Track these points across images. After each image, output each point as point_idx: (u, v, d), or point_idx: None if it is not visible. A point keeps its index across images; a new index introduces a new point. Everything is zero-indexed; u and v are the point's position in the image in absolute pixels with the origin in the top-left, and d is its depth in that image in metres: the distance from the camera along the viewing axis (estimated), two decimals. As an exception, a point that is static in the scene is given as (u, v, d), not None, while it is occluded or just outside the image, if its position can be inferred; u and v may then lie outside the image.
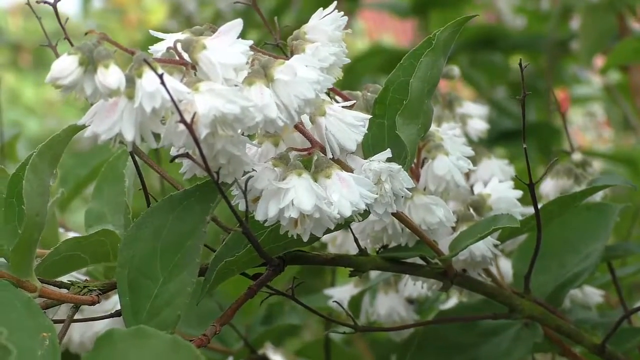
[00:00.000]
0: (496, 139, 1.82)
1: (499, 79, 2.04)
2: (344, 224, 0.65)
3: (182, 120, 0.54)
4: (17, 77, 4.36)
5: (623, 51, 1.56)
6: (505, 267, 0.92)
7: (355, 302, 0.96)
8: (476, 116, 0.98)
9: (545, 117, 1.97)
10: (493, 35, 1.99)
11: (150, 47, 0.64)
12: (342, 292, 0.98)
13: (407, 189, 0.66)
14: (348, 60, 0.71)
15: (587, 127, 2.72)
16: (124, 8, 4.83)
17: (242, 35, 0.60)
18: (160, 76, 0.54)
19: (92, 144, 1.86)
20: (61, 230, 0.87)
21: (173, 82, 0.55)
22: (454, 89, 2.30)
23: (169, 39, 0.63)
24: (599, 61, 1.92)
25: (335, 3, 0.71)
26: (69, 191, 1.15)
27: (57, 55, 0.66)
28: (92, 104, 0.59)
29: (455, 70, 0.98)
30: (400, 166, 0.65)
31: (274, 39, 0.75)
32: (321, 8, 0.71)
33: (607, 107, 2.41)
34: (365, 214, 0.65)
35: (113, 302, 0.81)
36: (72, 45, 0.57)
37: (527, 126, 1.92)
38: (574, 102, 2.53)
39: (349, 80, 1.88)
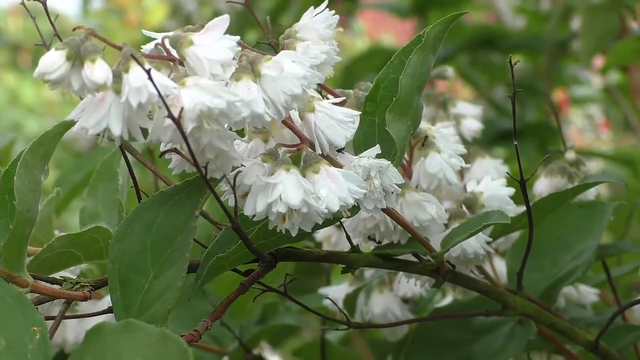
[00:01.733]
0: (495, 139, 1.82)
1: (498, 79, 2.05)
2: (333, 219, 0.65)
3: (170, 115, 0.55)
4: (16, 77, 4.36)
5: (623, 51, 1.56)
6: (501, 267, 0.92)
7: (350, 301, 0.96)
8: (470, 116, 0.98)
9: (544, 117, 1.98)
10: (493, 35, 1.99)
11: (142, 46, 0.65)
12: (337, 291, 0.98)
13: (398, 185, 0.67)
14: (339, 59, 0.71)
15: (585, 128, 2.72)
16: (124, 8, 4.83)
17: (241, 35, 0.60)
18: (148, 71, 0.55)
19: (91, 145, 1.87)
20: (56, 232, 0.87)
21: (159, 76, 0.56)
22: (453, 88, 2.31)
23: (160, 37, 0.63)
24: (599, 61, 1.92)
25: (326, 2, 0.71)
26: (65, 195, 1.16)
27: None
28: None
29: (449, 70, 0.98)
30: (390, 162, 0.65)
31: (267, 38, 0.75)
32: (312, 7, 0.71)
33: (607, 107, 2.41)
34: (354, 209, 0.65)
35: (107, 301, 0.81)
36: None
37: (526, 126, 1.91)
38: (573, 103, 2.53)
39: (348, 81, 1.88)
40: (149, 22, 4.40)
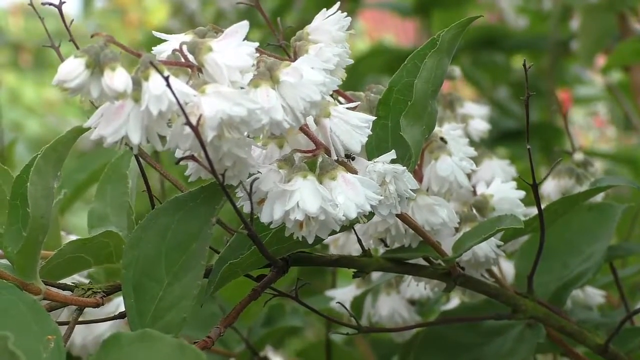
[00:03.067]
0: (498, 140, 1.82)
1: (501, 79, 2.05)
2: (349, 226, 0.65)
3: (188, 123, 0.54)
4: (17, 77, 4.36)
5: (623, 52, 1.56)
6: (506, 268, 0.92)
7: (358, 304, 0.96)
8: (477, 116, 0.98)
9: (547, 117, 1.97)
10: (495, 35, 1.99)
11: (152, 48, 0.64)
12: (344, 294, 0.98)
13: (411, 190, 0.66)
14: (351, 61, 0.71)
15: (589, 126, 2.72)
16: (125, 8, 4.82)
17: (245, 36, 0.60)
18: (167, 78, 0.54)
19: (95, 145, 1.86)
20: (62, 233, 0.87)
21: (179, 84, 0.55)
22: (455, 89, 2.30)
23: (173, 40, 0.63)
24: (602, 61, 1.92)
25: (338, 3, 0.71)
26: (68, 195, 1.15)
27: (60, 56, 0.66)
28: (96, 106, 0.59)
29: (456, 70, 0.98)
30: (405, 167, 0.65)
31: (277, 39, 0.75)
32: (324, 9, 0.71)
33: (609, 107, 2.40)
34: (370, 215, 0.65)
35: (115, 304, 0.81)
36: (76, 46, 0.57)
37: (529, 126, 1.91)
38: (576, 102, 2.52)
39: (351, 81, 1.86)
40: (150, 22, 4.40)
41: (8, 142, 1.38)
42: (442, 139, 0.76)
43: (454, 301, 0.98)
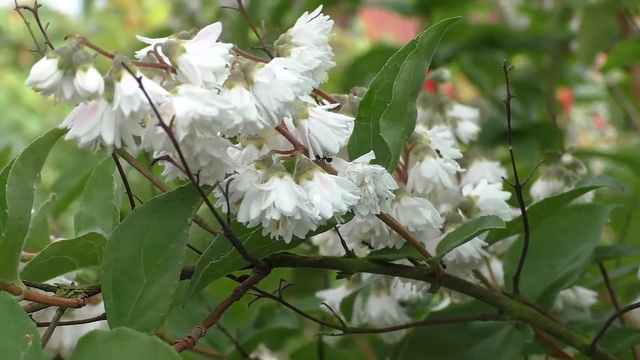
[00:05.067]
0: (498, 139, 1.82)
1: (501, 79, 2.03)
2: (327, 226, 0.65)
3: (160, 123, 0.55)
4: (17, 76, 4.36)
5: (622, 53, 1.56)
6: (498, 268, 0.92)
7: (347, 304, 0.96)
8: (467, 119, 0.98)
9: (547, 117, 1.97)
10: (496, 34, 1.99)
11: (143, 49, 0.64)
12: (334, 295, 0.98)
13: (392, 190, 0.67)
14: (334, 64, 0.71)
15: (590, 126, 2.71)
16: (125, 8, 4.83)
17: (244, 35, 0.60)
18: (139, 79, 0.55)
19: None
20: (52, 237, 0.87)
21: (151, 85, 0.56)
22: (456, 88, 2.30)
23: (153, 43, 0.63)
24: (602, 60, 1.92)
25: (321, 6, 0.71)
26: (61, 199, 1.16)
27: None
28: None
29: (446, 73, 0.98)
30: (384, 168, 0.65)
31: (263, 42, 0.75)
32: (307, 12, 0.71)
33: (610, 106, 2.40)
34: (348, 215, 0.65)
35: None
36: (52, 49, 0.57)
37: (529, 126, 1.90)
38: (577, 102, 2.52)
39: (351, 80, 1.88)
40: (150, 22, 4.41)
41: (4, 146, 1.38)
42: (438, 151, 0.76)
43: (447, 301, 0.99)
